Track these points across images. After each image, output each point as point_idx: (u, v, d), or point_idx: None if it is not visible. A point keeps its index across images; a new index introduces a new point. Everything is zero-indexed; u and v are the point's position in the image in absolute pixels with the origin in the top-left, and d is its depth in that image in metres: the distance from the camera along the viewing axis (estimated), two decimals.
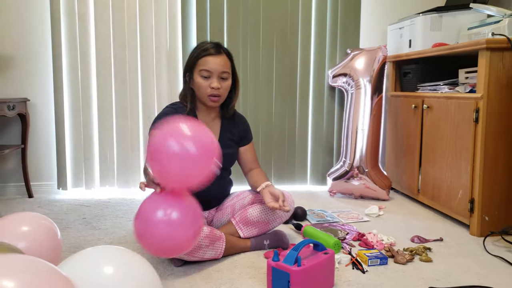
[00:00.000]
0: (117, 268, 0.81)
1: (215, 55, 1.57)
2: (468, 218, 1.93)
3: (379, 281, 1.43)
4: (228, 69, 1.61)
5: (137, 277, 0.83)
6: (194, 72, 1.60)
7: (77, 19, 2.56)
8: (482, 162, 1.84)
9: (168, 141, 1.16)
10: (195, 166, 1.18)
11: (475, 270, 1.53)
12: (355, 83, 2.54)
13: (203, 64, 1.56)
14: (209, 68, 1.56)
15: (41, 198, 2.58)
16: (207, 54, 1.56)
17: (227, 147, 1.70)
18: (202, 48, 1.58)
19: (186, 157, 1.16)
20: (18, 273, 0.63)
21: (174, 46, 2.65)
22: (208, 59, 1.56)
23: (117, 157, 2.67)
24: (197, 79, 1.58)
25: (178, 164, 1.16)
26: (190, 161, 1.17)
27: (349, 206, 2.38)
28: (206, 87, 1.57)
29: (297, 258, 1.28)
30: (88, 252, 0.85)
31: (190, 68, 1.61)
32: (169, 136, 1.17)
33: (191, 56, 1.61)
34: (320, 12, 2.69)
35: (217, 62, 1.57)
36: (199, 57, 1.57)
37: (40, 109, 2.63)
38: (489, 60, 1.80)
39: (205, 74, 1.57)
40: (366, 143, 2.51)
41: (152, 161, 1.20)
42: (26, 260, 0.68)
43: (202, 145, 1.18)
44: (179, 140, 1.16)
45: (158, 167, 1.18)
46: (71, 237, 1.88)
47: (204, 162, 1.20)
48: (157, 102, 2.67)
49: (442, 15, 2.34)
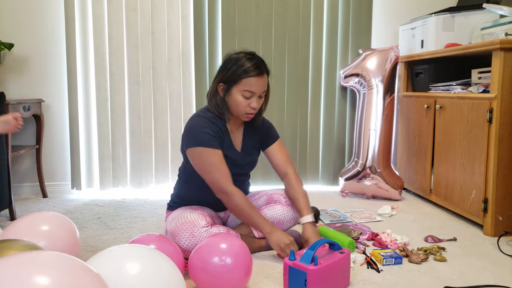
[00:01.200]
0: (144, 266, 0.83)
1: (258, 76, 1.54)
2: (481, 218, 1.93)
3: (395, 280, 1.44)
4: (266, 87, 1.60)
5: (163, 276, 0.85)
6: (234, 88, 1.55)
7: (91, 20, 2.59)
8: (495, 162, 1.84)
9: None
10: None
11: (491, 270, 1.53)
12: (367, 83, 2.55)
13: (248, 85, 1.53)
14: (253, 90, 1.54)
15: (55, 198, 2.62)
16: (251, 76, 1.53)
17: (249, 154, 1.71)
18: (245, 68, 1.53)
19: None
20: (52, 269, 0.65)
21: (186, 46, 2.67)
22: (252, 81, 1.53)
23: (130, 158, 2.70)
24: (237, 97, 1.55)
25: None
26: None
27: (362, 206, 2.39)
28: (246, 106, 1.56)
29: (314, 257, 1.29)
30: (115, 250, 0.87)
31: (229, 82, 1.56)
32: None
33: (231, 71, 1.55)
34: (332, 12, 2.70)
35: (260, 83, 1.55)
36: (243, 77, 1.53)
37: (55, 110, 2.67)
38: (503, 60, 1.80)
39: (247, 95, 1.54)
40: (378, 143, 2.52)
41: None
42: (59, 257, 0.70)
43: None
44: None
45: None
46: (87, 236, 1.91)
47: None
48: (169, 102, 2.70)
49: (454, 15, 2.34)
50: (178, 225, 1.52)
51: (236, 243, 1.33)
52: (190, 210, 1.60)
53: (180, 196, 1.72)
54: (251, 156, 1.72)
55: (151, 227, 2.05)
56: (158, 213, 2.29)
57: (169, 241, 1.39)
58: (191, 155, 1.56)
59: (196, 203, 1.70)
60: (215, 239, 1.34)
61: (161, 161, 2.72)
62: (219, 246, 1.30)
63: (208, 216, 1.60)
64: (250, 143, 1.72)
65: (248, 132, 1.72)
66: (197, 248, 1.33)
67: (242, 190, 1.78)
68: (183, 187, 1.72)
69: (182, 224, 1.52)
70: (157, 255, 0.88)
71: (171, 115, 2.71)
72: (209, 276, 1.27)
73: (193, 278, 1.31)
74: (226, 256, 1.28)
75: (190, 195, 1.70)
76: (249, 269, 1.32)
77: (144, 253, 0.86)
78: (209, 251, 1.29)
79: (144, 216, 2.22)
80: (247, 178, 1.79)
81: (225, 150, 1.61)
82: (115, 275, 0.80)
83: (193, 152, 1.54)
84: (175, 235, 1.50)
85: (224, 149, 1.60)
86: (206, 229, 1.50)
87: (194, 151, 1.54)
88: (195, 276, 1.30)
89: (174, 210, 1.68)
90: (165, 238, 1.39)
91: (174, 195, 1.75)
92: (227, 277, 1.27)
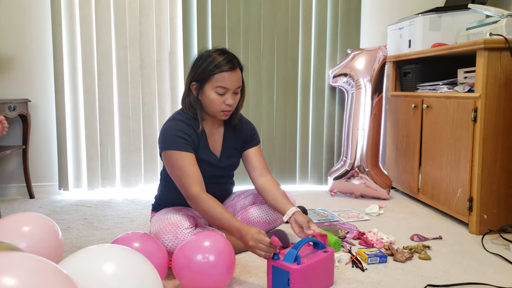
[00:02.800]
0: (118, 267, 0.82)
1: (231, 71, 1.48)
2: (467, 217, 1.94)
3: (379, 279, 1.45)
4: (241, 83, 1.55)
5: (138, 276, 0.84)
6: (206, 86, 1.50)
7: (78, 20, 2.58)
8: (480, 161, 1.86)
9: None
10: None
11: (474, 267, 1.54)
12: (355, 83, 2.56)
13: (220, 81, 1.48)
14: (226, 85, 1.48)
15: (42, 199, 2.60)
16: (223, 70, 1.47)
17: (230, 156, 1.66)
18: (216, 63, 1.48)
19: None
20: (18, 270, 0.64)
21: (175, 46, 2.66)
22: (224, 76, 1.48)
23: (119, 158, 2.69)
24: (211, 94, 1.50)
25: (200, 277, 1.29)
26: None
27: (350, 205, 2.39)
28: (221, 103, 1.51)
29: (296, 257, 1.29)
30: (88, 250, 0.86)
31: (201, 80, 1.51)
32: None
33: (202, 68, 1.50)
34: (320, 12, 2.71)
35: (233, 78, 1.49)
36: (214, 72, 1.47)
37: (41, 110, 2.65)
38: (487, 60, 1.81)
39: (221, 91, 1.49)
40: (367, 142, 2.53)
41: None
42: (27, 257, 0.69)
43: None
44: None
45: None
46: (72, 237, 1.90)
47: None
48: (158, 102, 2.69)
49: (441, 16, 2.36)
50: (161, 227, 1.51)
51: (219, 241, 1.32)
52: (174, 211, 1.59)
53: (163, 199, 1.71)
54: (232, 159, 1.67)
55: (138, 227, 2.03)
56: (146, 213, 2.28)
57: (153, 239, 1.38)
58: (163, 159, 1.53)
59: (180, 205, 1.69)
60: (198, 237, 1.34)
61: (150, 161, 2.71)
62: (202, 244, 1.30)
63: (192, 217, 1.59)
64: (231, 145, 1.66)
65: (229, 133, 1.67)
66: (180, 245, 1.33)
67: (224, 191, 1.77)
68: (165, 189, 1.70)
69: (165, 226, 1.51)
70: (133, 255, 0.87)
71: (160, 115, 2.70)
72: (192, 273, 1.27)
73: (177, 275, 1.31)
74: (209, 253, 1.28)
75: (172, 198, 1.68)
76: (232, 267, 1.32)
77: (119, 253, 0.85)
78: (192, 248, 1.29)
79: (131, 217, 2.21)
80: (229, 179, 1.77)
81: (201, 153, 1.57)
82: (89, 276, 0.79)
83: (165, 155, 1.52)
84: (159, 237, 1.49)
85: (199, 152, 1.56)
86: (190, 231, 1.49)
87: (166, 155, 1.51)
88: (178, 274, 1.30)
89: (158, 211, 1.67)
90: (148, 237, 1.38)
91: (157, 197, 1.74)
92: (210, 274, 1.27)
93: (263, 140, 2.77)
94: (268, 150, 2.78)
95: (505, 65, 1.81)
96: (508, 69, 1.82)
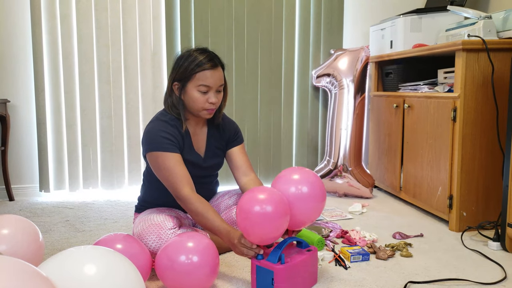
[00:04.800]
0: (99, 268, 0.81)
1: (213, 69, 1.49)
2: (447, 214, 1.98)
3: (361, 277, 1.47)
4: (223, 81, 1.56)
5: (119, 277, 0.84)
6: (189, 85, 1.50)
7: (58, 19, 2.53)
8: (459, 160, 1.90)
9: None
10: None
11: (453, 264, 1.58)
12: (338, 83, 2.58)
13: (202, 79, 1.48)
14: (209, 84, 1.49)
15: (22, 201, 2.54)
16: (205, 69, 1.48)
17: (214, 156, 1.66)
18: (197, 62, 1.49)
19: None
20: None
21: (158, 46, 2.64)
22: (206, 74, 1.48)
23: (101, 159, 2.65)
24: (194, 93, 1.50)
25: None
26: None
27: (333, 204, 2.41)
28: (204, 102, 1.51)
29: (280, 256, 1.30)
30: (69, 252, 0.85)
31: (183, 79, 1.51)
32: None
33: (183, 67, 1.50)
34: (304, 13, 2.73)
35: (215, 76, 1.50)
36: (196, 71, 1.48)
37: (21, 111, 2.60)
38: (465, 60, 1.85)
39: (203, 90, 1.49)
40: (350, 142, 2.55)
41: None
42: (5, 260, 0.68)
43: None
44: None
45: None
46: (53, 239, 1.87)
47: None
48: (142, 102, 2.66)
49: (421, 17, 2.40)
50: (144, 227, 1.50)
51: (203, 241, 1.32)
52: (157, 212, 1.58)
53: (146, 200, 1.70)
54: (216, 159, 1.67)
55: (121, 229, 2.01)
56: (129, 214, 2.25)
57: (136, 241, 1.37)
58: (149, 160, 1.52)
59: (163, 205, 1.68)
60: (182, 238, 1.33)
61: (133, 162, 2.68)
62: (186, 245, 1.30)
63: (176, 217, 1.58)
64: (214, 144, 1.67)
65: (212, 133, 1.67)
66: (164, 246, 1.32)
67: (208, 191, 1.77)
68: (148, 190, 1.69)
69: (148, 226, 1.50)
70: (114, 256, 0.87)
71: (143, 115, 2.68)
72: (175, 274, 1.26)
73: (160, 276, 1.30)
74: (192, 254, 1.27)
75: (155, 199, 1.67)
76: (215, 267, 1.32)
77: (100, 254, 0.84)
78: (176, 249, 1.29)
79: (114, 218, 2.19)
80: (213, 179, 1.77)
81: (186, 154, 1.57)
82: (69, 278, 0.79)
83: (150, 157, 1.51)
84: (142, 238, 1.48)
85: (184, 153, 1.56)
86: (173, 231, 1.48)
87: (151, 156, 1.50)
88: (162, 275, 1.29)
89: (142, 213, 1.66)
90: (131, 238, 1.37)
91: (140, 198, 1.73)
92: (193, 275, 1.27)
93: (247, 140, 2.77)
94: (253, 150, 2.78)
95: (482, 66, 1.86)
96: (485, 69, 1.86)
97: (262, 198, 1.27)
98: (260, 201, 1.27)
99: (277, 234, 1.29)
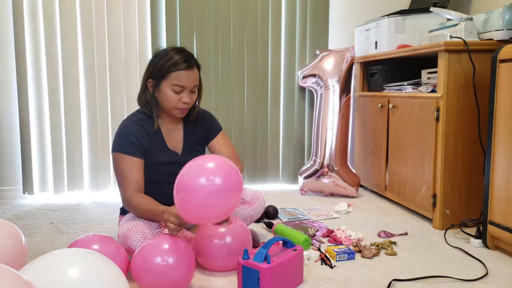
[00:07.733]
0: (82, 271, 0.81)
1: (188, 69, 1.50)
2: (431, 213, 2.02)
3: (347, 275, 1.48)
4: (198, 82, 1.56)
5: (103, 280, 0.83)
6: (163, 83, 1.51)
7: (41, 18, 2.50)
8: (443, 159, 1.93)
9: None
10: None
11: (437, 261, 1.60)
12: (324, 84, 2.60)
13: (177, 79, 1.49)
14: (183, 84, 1.50)
15: (5, 204, 2.50)
16: (180, 69, 1.49)
17: (193, 151, 1.67)
18: (173, 61, 1.49)
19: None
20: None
21: (143, 47, 2.62)
22: (181, 74, 1.49)
23: (86, 160, 2.62)
24: (167, 92, 1.51)
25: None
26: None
27: (320, 204, 2.43)
28: (177, 101, 1.52)
29: (266, 256, 1.31)
30: (51, 255, 0.84)
31: (158, 77, 1.52)
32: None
33: (159, 65, 1.51)
34: (289, 14, 2.74)
35: (190, 77, 1.51)
36: (172, 70, 1.49)
37: (3, 112, 2.55)
38: (447, 61, 1.89)
39: (177, 90, 1.50)
40: (335, 142, 2.57)
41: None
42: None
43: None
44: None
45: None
46: (37, 242, 1.84)
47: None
48: (127, 103, 2.64)
49: (405, 18, 2.43)
50: (130, 227, 1.49)
51: (179, 243, 1.32)
52: None
53: None
54: (195, 154, 1.66)
55: (106, 231, 1.99)
56: (115, 216, 2.23)
57: (112, 241, 1.36)
58: (112, 159, 1.56)
59: None
60: (158, 240, 1.33)
61: None
62: (161, 246, 1.29)
63: None
64: (192, 140, 1.67)
65: (188, 129, 1.67)
66: (139, 248, 1.32)
67: None
68: None
69: (133, 226, 1.49)
70: (98, 258, 0.86)
71: None
72: (151, 276, 1.26)
73: (135, 278, 1.30)
74: (168, 255, 1.27)
75: None
76: (191, 268, 1.32)
77: (83, 257, 0.84)
78: (151, 251, 1.28)
79: (100, 220, 2.17)
80: None
81: (157, 153, 1.57)
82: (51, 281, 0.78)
83: (113, 156, 1.55)
84: (127, 238, 1.47)
85: (153, 153, 1.57)
86: (159, 230, 1.48)
87: (113, 156, 1.54)
88: (137, 276, 1.29)
89: (127, 214, 1.65)
90: (108, 238, 1.36)
91: None
92: (169, 276, 1.26)
93: (234, 140, 2.77)
94: (239, 150, 2.78)
95: (464, 67, 1.89)
96: (467, 70, 1.90)
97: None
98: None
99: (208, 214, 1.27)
